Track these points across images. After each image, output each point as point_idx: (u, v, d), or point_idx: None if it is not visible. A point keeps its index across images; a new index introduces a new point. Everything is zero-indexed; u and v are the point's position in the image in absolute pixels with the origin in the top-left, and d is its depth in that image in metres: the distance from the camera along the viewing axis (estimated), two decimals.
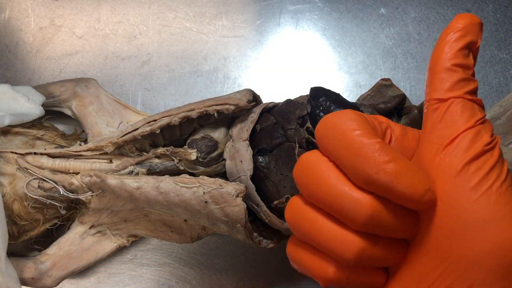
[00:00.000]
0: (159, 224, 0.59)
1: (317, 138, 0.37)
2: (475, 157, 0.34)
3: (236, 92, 0.56)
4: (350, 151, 0.34)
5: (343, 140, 0.34)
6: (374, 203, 0.34)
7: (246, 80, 0.71)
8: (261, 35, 0.72)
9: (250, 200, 0.53)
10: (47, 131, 0.60)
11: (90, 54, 0.72)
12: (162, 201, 0.52)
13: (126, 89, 0.71)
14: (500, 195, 0.33)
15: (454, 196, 0.33)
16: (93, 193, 0.56)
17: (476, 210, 0.32)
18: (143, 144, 0.57)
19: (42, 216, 0.58)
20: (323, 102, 0.53)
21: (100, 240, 0.60)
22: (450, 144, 0.34)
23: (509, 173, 0.34)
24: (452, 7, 0.70)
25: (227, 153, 0.55)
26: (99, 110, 0.60)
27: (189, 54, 0.71)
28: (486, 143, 0.34)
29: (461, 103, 0.35)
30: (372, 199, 0.34)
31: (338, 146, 0.35)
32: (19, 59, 0.72)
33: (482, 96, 0.67)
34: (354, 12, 0.71)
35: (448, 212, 0.33)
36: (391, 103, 0.56)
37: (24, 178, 0.56)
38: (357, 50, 0.70)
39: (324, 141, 0.36)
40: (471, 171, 0.33)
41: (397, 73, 0.69)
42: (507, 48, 0.68)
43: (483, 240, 0.32)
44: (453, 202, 0.33)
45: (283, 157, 0.52)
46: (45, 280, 0.58)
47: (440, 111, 0.35)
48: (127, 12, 0.73)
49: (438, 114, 0.35)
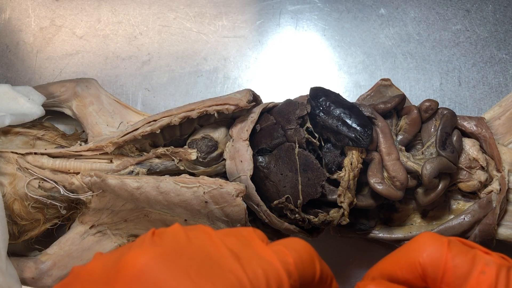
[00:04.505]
0: (159, 224, 0.59)
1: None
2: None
3: (236, 92, 0.56)
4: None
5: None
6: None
7: (246, 80, 0.71)
8: (261, 35, 0.72)
9: (250, 200, 0.53)
10: (47, 131, 0.60)
11: (91, 54, 0.72)
12: (162, 201, 0.52)
13: (127, 89, 0.71)
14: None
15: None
16: (93, 193, 0.56)
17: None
18: (144, 144, 0.57)
19: (42, 216, 0.58)
20: (323, 102, 0.53)
21: (100, 240, 0.60)
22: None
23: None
24: (452, 7, 0.70)
25: (227, 153, 0.55)
26: (100, 110, 0.60)
27: (189, 54, 0.71)
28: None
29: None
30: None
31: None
32: (19, 59, 0.72)
33: (482, 96, 0.67)
34: (354, 12, 0.71)
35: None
36: (390, 103, 0.56)
37: (24, 178, 0.56)
38: (357, 50, 0.70)
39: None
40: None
41: (396, 73, 0.69)
42: (507, 48, 0.68)
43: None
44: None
45: (283, 157, 0.52)
46: (46, 279, 0.58)
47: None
48: (127, 12, 0.73)
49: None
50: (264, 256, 0.33)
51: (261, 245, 0.35)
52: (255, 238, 0.36)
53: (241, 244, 0.34)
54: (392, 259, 0.39)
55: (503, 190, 0.54)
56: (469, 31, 0.69)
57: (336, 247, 0.64)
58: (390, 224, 0.57)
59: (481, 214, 0.53)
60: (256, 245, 0.35)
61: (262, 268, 0.32)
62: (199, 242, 0.33)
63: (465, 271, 0.35)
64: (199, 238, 0.34)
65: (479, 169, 0.55)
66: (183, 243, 0.33)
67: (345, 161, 0.52)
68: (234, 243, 0.34)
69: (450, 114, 0.55)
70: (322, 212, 0.52)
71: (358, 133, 0.51)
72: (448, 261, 0.35)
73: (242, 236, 0.35)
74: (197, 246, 0.33)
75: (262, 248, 0.34)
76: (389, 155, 0.52)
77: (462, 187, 0.55)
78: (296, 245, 0.36)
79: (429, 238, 0.37)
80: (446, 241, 0.36)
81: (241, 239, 0.35)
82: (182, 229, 0.34)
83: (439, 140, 0.53)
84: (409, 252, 0.37)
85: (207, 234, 0.34)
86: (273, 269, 0.33)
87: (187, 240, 0.33)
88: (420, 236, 0.38)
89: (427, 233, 0.38)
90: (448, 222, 0.54)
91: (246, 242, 0.35)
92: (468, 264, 0.35)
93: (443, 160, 0.51)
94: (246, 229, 0.37)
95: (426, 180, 0.51)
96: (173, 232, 0.34)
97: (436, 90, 0.68)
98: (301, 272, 0.34)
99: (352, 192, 0.52)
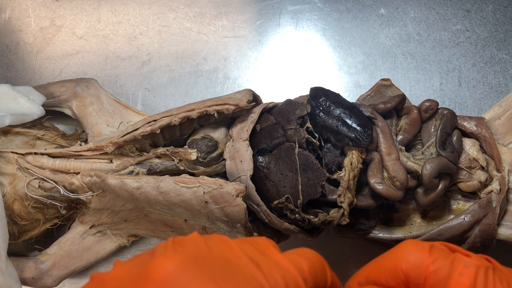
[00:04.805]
0: (159, 224, 0.59)
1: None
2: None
3: (236, 92, 0.56)
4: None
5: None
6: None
7: (246, 80, 0.71)
8: (261, 35, 0.72)
9: (250, 200, 0.53)
10: (47, 131, 0.61)
11: (91, 54, 0.72)
12: (162, 201, 0.52)
13: (127, 89, 0.71)
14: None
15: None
16: (93, 193, 0.56)
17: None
18: (144, 144, 0.57)
19: (42, 216, 0.58)
20: (323, 102, 0.53)
21: (100, 240, 0.60)
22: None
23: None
24: (451, 8, 0.70)
25: (227, 153, 0.55)
26: (100, 110, 0.60)
27: (189, 54, 0.71)
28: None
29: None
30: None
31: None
32: (19, 59, 0.72)
33: (482, 96, 0.67)
34: (354, 12, 0.71)
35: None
36: (390, 103, 0.56)
37: (24, 178, 0.56)
38: (357, 50, 0.70)
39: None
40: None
41: (396, 73, 0.69)
42: (507, 48, 0.68)
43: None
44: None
45: (283, 157, 0.52)
46: (46, 279, 0.58)
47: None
48: (127, 12, 0.73)
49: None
50: (281, 264, 0.35)
51: (277, 253, 0.36)
52: (270, 246, 0.37)
53: (258, 252, 0.35)
54: (376, 265, 0.39)
55: (503, 190, 0.54)
56: (469, 31, 0.69)
57: (336, 247, 0.64)
58: (390, 224, 0.57)
59: (481, 214, 0.53)
60: (272, 253, 0.36)
61: (281, 274, 0.34)
62: (218, 250, 0.35)
63: (445, 274, 0.36)
64: (218, 246, 0.35)
65: (479, 169, 0.55)
66: (204, 250, 0.34)
67: (345, 161, 0.52)
68: (252, 250, 0.35)
69: (450, 114, 0.55)
70: (322, 212, 0.52)
71: (358, 133, 0.51)
72: (429, 266, 0.36)
73: (257, 244, 0.37)
74: (217, 253, 0.34)
75: (278, 256, 0.36)
76: (389, 155, 0.52)
77: (462, 187, 0.55)
78: (308, 254, 0.37)
79: (410, 245, 0.38)
80: (428, 246, 0.37)
81: (256, 247, 0.36)
82: (201, 237, 0.36)
83: (439, 140, 0.53)
84: (392, 259, 0.38)
85: (226, 242, 0.35)
86: (291, 276, 0.34)
87: (207, 248, 0.34)
88: (402, 243, 0.39)
89: (409, 240, 0.39)
90: (448, 222, 0.54)
91: (262, 250, 0.36)
92: (448, 267, 0.36)
93: (443, 160, 0.51)
94: (260, 238, 0.38)
95: (426, 180, 0.51)
96: (193, 240, 0.35)
97: (436, 90, 0.68)
98: (315, 279, 0.36)
99: (352, 192, 0.52)
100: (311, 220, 0.53)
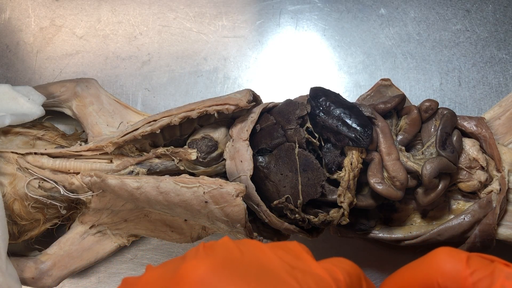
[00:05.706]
0: (159, 224, 0.59)
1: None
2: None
3: (236, 92, 0.56)
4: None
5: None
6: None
7: (246, 80, 0.71)
8: (261, 35, 0.72)
9: (250, 200, 0.53)
10: (47, 131, 0.61)
11: (91, 54, 0.72)
12: (162, 201, 0.52)
13: (127, 89, 0.71)
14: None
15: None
16: (93, 193, 0.56)
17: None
18: (144, 144, 0.57)
19: (42, 216, 0.58)
20: (323, 102, 0.53)
21: (100, 240, 0.60)
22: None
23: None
24: (451, 8, 0.70)
25: (227, 153, 0.55)
26: (100, 110, 0.60)
27: (189, 54, 0.71)
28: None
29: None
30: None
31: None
32: (19, 59, 0.72)
33: (482, 96, 0.67)
34: (354, 12, 0.71)
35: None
36: (390, 103, 0.56)
37: (24, 178, 0.56)
38: (357, 50, 0.70)
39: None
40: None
41: (396, 73, 0.69)
42: (507, 48, 0.68)
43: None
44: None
45: (283, 157, 0.52)
46: (46, 279, 0.58)
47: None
48: (127, 12, 0.73)
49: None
50: (316, 271, 0.34)
51: (311, 260, 0.35)
52: (303, 252, 0.36)
53: (291, 257, 0.35)
54: (408, 274, 0.38)
55: (503, 190, 0.54)
56: (469, 31, 0.69)
57: (336, 247, 0.64)
58: (390, 224, 0.57)
59: (481, 214, 0.53)
60: (306, 260, 0.35)
61: (315, 282, 0.33)
62: (251, 254, 0.34)
63: (486, 287, 0.34)
64: (250, 250, 0.34)
65: (479, 169, 0.55)
66: (236, 254, 0.34)
67: (345, 161, 0.52)
68: (285, 255, 0.35)
69: (450, 114, 0.55)
70: (322, 212, 0.52)
71: (358, 133, 0.51)
72: (467, 278, 0.35)
73: (289, 249, 0.36)
74: (250, 257, 0.34)
75: (312, 263, 0.35)
76: (389, 155, 0.52)
77: (462, 187, 0.55)
78: (344, 264, 0.36)
79: (446, 254, 0.36)
80: (465, 257, 0.36)
81: (289, 252, 0.35)
82: (232, 241, 0.35)
83: (439, 140, 0.53)
84: (426, 269, 0.36)
85: (258, 247, 0.35)
86: (326, 284, 0.33)
87: (240, 252, 0.34)
88: (436, 251, 0.37)
89: (443, 248, 0.37)
90: (448, 222, 0.54)
91: (295, 256, 0.35)
92: (488, 279, 0.34)
93: (443, 160, 0.51)
94: (292, 243, 0.37)
95: (426, 180, 0.51)
96: (224, 245, 0.35)
97: (436, 90, 0.68)
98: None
99: (352, 192, 0.52)
100: (311, 220, 0.53)
